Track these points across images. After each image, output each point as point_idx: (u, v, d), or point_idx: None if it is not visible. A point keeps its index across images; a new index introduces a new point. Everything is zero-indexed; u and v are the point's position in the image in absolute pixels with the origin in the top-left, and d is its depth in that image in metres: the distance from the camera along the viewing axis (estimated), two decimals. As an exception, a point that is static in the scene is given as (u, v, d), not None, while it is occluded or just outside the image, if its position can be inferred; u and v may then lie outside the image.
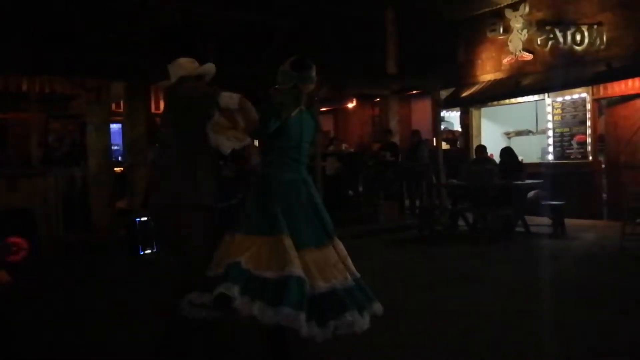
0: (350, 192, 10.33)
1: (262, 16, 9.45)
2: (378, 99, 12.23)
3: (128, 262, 6.66)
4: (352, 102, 13.24)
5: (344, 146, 11.40)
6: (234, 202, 7.17)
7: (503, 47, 10.29)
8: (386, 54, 10.49)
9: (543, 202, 7.83)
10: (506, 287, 4.85)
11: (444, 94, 10.93)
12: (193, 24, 8.68)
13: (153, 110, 10.36)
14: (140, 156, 7.86)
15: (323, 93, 8.86)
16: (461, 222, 8.34)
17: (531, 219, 7.68)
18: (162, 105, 10.63)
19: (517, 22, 9.93)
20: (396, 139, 10.83)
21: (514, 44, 10.04)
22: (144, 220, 6.95)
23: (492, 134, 11.11)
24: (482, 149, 8.58)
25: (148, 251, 6.85)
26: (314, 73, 2.94)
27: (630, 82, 8.53)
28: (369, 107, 13.19)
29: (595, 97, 9.13)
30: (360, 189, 10.34)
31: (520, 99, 10.25)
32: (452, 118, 12.51)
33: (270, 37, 9.56)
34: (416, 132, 10.43)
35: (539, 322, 3.87)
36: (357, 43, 10.17)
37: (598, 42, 8.82)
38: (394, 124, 11.39)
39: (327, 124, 13.58)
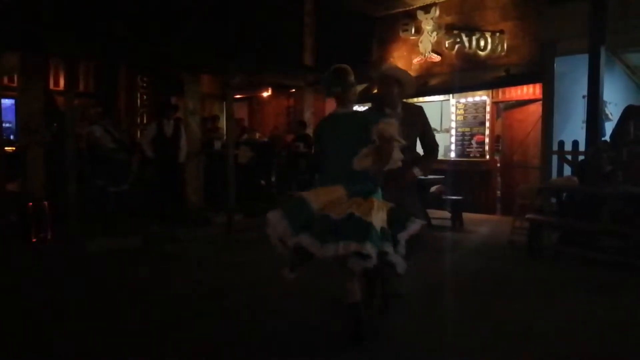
0: (262, 182, 10.29)
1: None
2: (293, 90, 12.25)
3: (19, 249, 6.17)
4: (267, 91, 13.15)
5: (257, 135, 11.31)
6: (125, 188, 6.85)
7: (414, 48, 10.72)
8: (303, 46, 10.53)
9: (444, 197, 8.30)
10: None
11: (357, 89, 11.17)
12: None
13: (52, 86, 9.63)
14: (36, 135, 7.26)
15: (237, 80, 8.72)
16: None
17: (433, 212, 8.11)
18: (62, 81, 9.93)
19: (427, 24, 10.38)
20: (310, 131, 10.91)
21: (424, 45, 10.49)
22: (38, 204, 6.46)
23: (401, 130, 11.55)
24: None
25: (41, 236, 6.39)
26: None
27: (525, 88, 9.26)
28: (284, 97, 13.18)
29: (494, 100, 9.80)
30: (273, 179, 10.33)
31: (427, 98, 10.75)
32: (364, 113, 12.81)
33: (185, 19, 9.22)
34: (329, 125, 10.57)
35: (434, 308, 4.11)
36: (274, 32, 10.11)
37: (499, 49, 9.46)
38: (308, 116, 11.48)
39: (241, 113, 13.39)
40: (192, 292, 4.57)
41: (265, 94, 13.31)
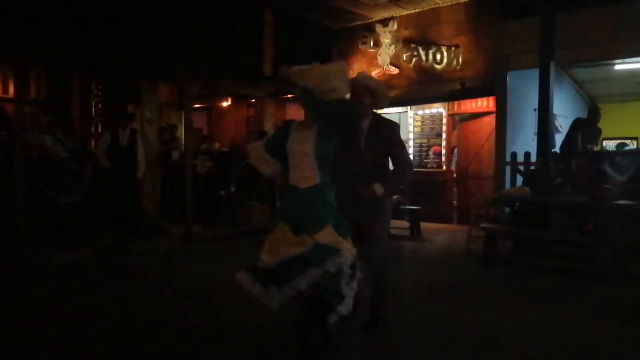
0: (222, 192, 10.16)
1: (135, 3, 8.89)
2: (253, 100, 12.19)
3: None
4: (227, 101, 13.04)
5: (216, 145, 11.19)
6: (77, 199, 6.57)
7: (373, 60, 10.88)
8: (262, 56, 10.53)
9: (402, 207, 8.41)
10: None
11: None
12: (55, 2, 7.88)
13: (1, 93, 9.26)
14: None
15: (196, 89, 8.61)
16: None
17: (392, 222, 8.19)
18: (11, 88, 9.55)
19: (386, 37, 10.57)
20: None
21: (382, 57, 10.67)
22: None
23: (360, 141, 11.66)
24: None
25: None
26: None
27: (479, 101, 9.56)
28: (244, 107, 13.10)
29: (450, 112, 10.06)
30: (232, 189, 10.22)
31: (385, 110, 10.88)
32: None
33: (143, 26, 9.05)
34: (289, 135, 10.58)
35: (391, 316, 4.14)
36: (234, 42, 10.06)
37: (455, 62, 9.72)
38: (268, 126, 11.44)
39: (200, 122, 13.24)
40: (148, 304, 4.45)
41: (224, 104, 13.20)
